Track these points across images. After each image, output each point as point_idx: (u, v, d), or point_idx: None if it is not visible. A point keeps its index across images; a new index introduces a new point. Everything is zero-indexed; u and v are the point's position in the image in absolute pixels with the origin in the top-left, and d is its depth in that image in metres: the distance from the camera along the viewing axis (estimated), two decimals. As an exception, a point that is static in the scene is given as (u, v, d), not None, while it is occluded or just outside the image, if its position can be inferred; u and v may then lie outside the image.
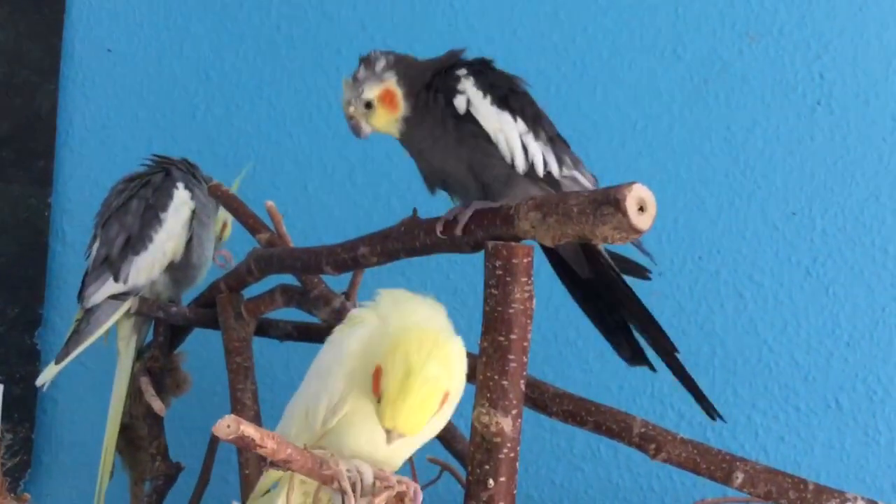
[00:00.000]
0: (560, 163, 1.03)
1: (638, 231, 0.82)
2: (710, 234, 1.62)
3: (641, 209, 0.82)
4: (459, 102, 0.97)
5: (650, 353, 1.15)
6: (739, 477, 1.06)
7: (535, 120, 1.02)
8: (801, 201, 1.61)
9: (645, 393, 1.61)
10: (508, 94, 1.00)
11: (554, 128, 1.05)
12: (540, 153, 1.01)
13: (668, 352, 1.10)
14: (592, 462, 1.62)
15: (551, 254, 1.07)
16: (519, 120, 0.99)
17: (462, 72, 0.99)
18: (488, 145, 0.98)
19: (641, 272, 1.10)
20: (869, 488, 1.54)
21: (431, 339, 0.85)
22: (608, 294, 1.08)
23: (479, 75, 0.99)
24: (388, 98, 1.00)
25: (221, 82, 1.77)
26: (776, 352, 1.59)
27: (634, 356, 1.12)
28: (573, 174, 1.04)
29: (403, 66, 1.01)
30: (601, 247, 1.07)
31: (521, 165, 0.99)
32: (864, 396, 1.57)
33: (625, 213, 0.81)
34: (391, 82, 1.00)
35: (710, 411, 1.12)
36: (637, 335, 1.11)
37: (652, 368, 1.14)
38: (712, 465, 1.07)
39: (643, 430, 1.09)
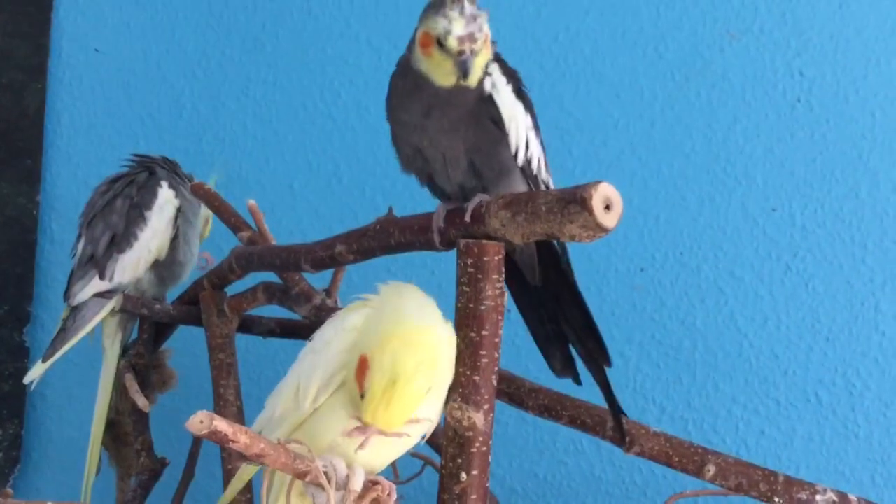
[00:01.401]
0: (546, 167, 1.06)
1: (604, 229, 0.83)
2: (691, 229, 1.64)
3: (608, 207, 0.83)
4: (487, 83, 0.98)
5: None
6: (711, 470, 1.08)
7: (537, 122, 1.05)
8: (781, 197, 1.62)
9: (627, 388, 1.63)
10: (521, 91, 1.02)
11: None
12: (537, 152, 1.03)
13: (599, 366, 1.09)
14: (575, 456, 1.64)
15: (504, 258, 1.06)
16: (528, 115, 1.02)
17: None
18: (499, 132, 0.99)
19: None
20: (848, 480, 1.56)
21: (419, 339, 0.87)
22: (554, 302, 1.07)
23: (501, 63, 1.01)
24: (487, 41, 0.97)
25: (208, 81, 1.78)
26: (756, 346, 1.61)
27: (564, 368, 1.11)
28: (549, 182, 1.06)
29: None
30: (563, 251, 1.07)
31: (521, 158, 1.01)
32: (843, 390, 1.58)
33: (591, 212, 0.82)
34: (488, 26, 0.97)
35: (621, 436, 1.10)
36: (571, 346, 1.10)
37: (577, 382, 1.13)
38: (684, 458, 1.09)
39: (617, 423, 1.11)
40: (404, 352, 0.85)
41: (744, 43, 1.65)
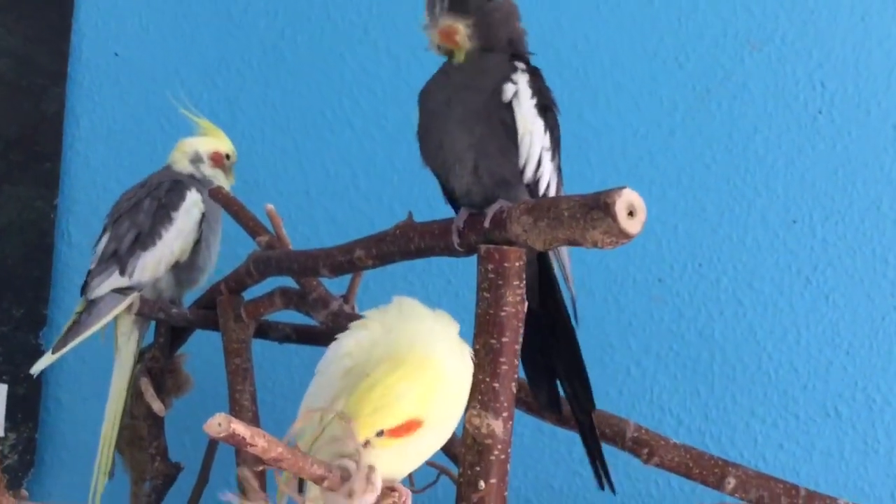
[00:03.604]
0: (557, 193, 1.04)
1: (627, 235, 0.82)
2: (710, 241, 1.63)
3: (631, 214, 0.82)
4: (508, 90, 0.98)
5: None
6: (731, 482, 1.07)
7: (557, 144, 1.03)
8: (801, 209, 1.61)
9: (644, 399, 1.62)
10: (548, 109, 1.01)
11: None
12: (549, 174, 1.02)
13: (584, 407, 1.07)
14: (590, 469, 1.62)
15: None
16: (547, 135, 1.01)
17: (521, 66, 1.00)
18: (508, 141, 0.98)
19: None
20: (867, 497, 1.55)
21: (419, 367, 0.87)
22: (548, 332, 1.05)
23: (533, 76, 1.00)
24: (450, 38, 1.00)
25: (226, 87, 1.78)
26: (775, 359, 1.60)
27: (549, 403, 1.09)
28: None
29: (494, 9, 1.01)
30: (559, 279, 1.05)
31: (528, 174, 1.00)
32: (863, 405, 1.57)
33: (614, 218, 0.81)
34: (463, 25, 0.99)
35: (604, 479, 1.09)
36: (559, 383, 1.08)
37: (560, 421, 1.11)
38: (704, 469, 1.08)
39: (636, 434, 1.10)
40: (399, 368, 0.86)
41: (765, 53, 1.64)
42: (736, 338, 1.61)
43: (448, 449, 1.27)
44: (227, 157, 1.50)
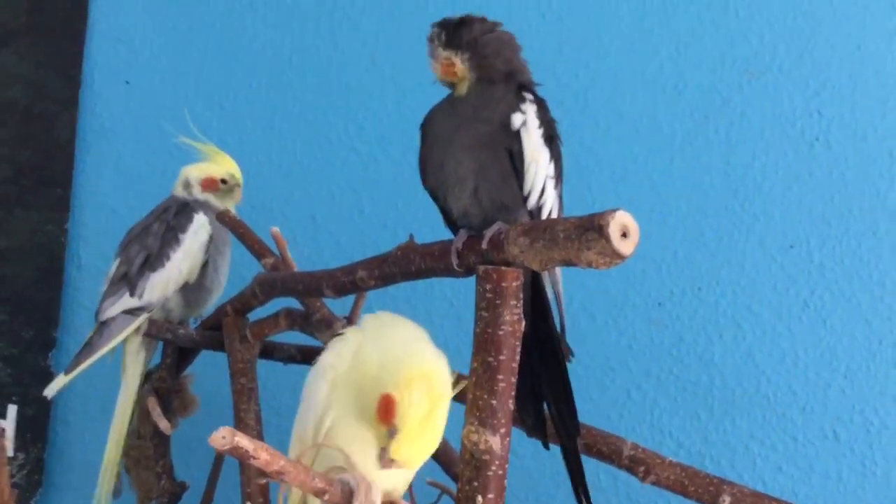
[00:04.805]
0: None
1: (621, 256, 0.85)
2: (709, 265, 1.65)
3: (624, 235, 0.85)
4: (516, 119, 1.01)
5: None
6: (726, 500, 1.09)
7: (560, 174, 1.06)
8: (799, 235, 1.64)
9: (644, 421, 1.64)
10: (553, 140, 1.04)
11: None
12: (551, 202, 1.05)
13: (569, 432, 1.08)
14: (592, 489, 1.63)
15: None
16: (552, 164, 1.04)
17: (529, 96, 1.03)
18: (511, 169, 1.01)
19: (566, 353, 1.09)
20: (866, 519, 1.56)
21: (438, 377, 0.90)
22: (537, 355, 1.06)
23: (540, 107, 1.04)
24: (449, 70, 1.04)
25: (234, 113, 1.82)
26: (774, 382, 1.61)
27: (535, 427, 1.10)
28: None
29: (486, 44, 1.04)
30: (550, 305, 1.07)
31: (532, 202, 1.03)
32: (860, 428, 1.58)
33: (608, 239, 0.84)
34: (459, 59, 1.03)
35: (585, 502, 1.10)
36: (546, 407, 1.09)
37: (546, 446, 1.12)
38: (700, 487, 1.10)
39: (633, 452, 1.12)
40: (429, 387, 0.89)
41: (762, 82, 1.67)
42: (735, 361, 1.63)
43: (449, 468, 1.29)
44: (224, 181, 1.51)
